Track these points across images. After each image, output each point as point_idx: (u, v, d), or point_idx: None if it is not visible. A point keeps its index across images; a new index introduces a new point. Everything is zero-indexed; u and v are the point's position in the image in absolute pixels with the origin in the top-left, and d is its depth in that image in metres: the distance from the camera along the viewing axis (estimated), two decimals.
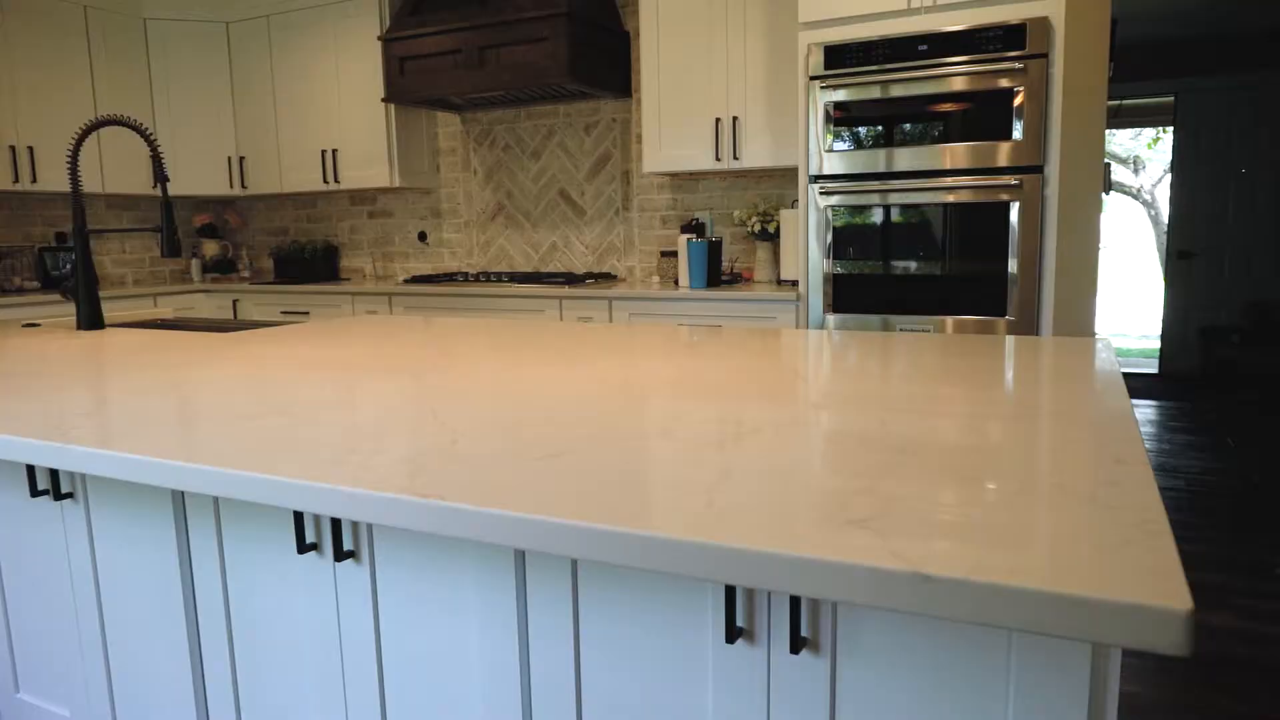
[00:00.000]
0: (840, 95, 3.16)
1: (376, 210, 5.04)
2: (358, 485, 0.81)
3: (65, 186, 4.44)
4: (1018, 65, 2.89)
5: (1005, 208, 2.97)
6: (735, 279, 3.94)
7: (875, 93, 3.11)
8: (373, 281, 4.71)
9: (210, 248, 5.36)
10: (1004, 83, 2.92)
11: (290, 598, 1.44)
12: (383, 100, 4.33)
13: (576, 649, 1.18)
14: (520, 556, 1.20)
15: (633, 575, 1.12)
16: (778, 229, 3.80)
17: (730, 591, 1.05)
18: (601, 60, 3.98)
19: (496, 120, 4.57)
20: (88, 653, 1.75)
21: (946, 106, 3.03)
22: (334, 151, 4.66)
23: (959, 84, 2.98)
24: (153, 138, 2.16)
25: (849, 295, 3.25)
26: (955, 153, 3.03)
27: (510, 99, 4.23)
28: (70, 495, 1.69)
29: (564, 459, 0.90)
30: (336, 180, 4.67)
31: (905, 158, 3.10)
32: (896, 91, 3.08)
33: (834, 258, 3.25)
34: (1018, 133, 2.93)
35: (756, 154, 3.63)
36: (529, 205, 4.55)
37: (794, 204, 3.88)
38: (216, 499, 1.49)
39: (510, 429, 1.05)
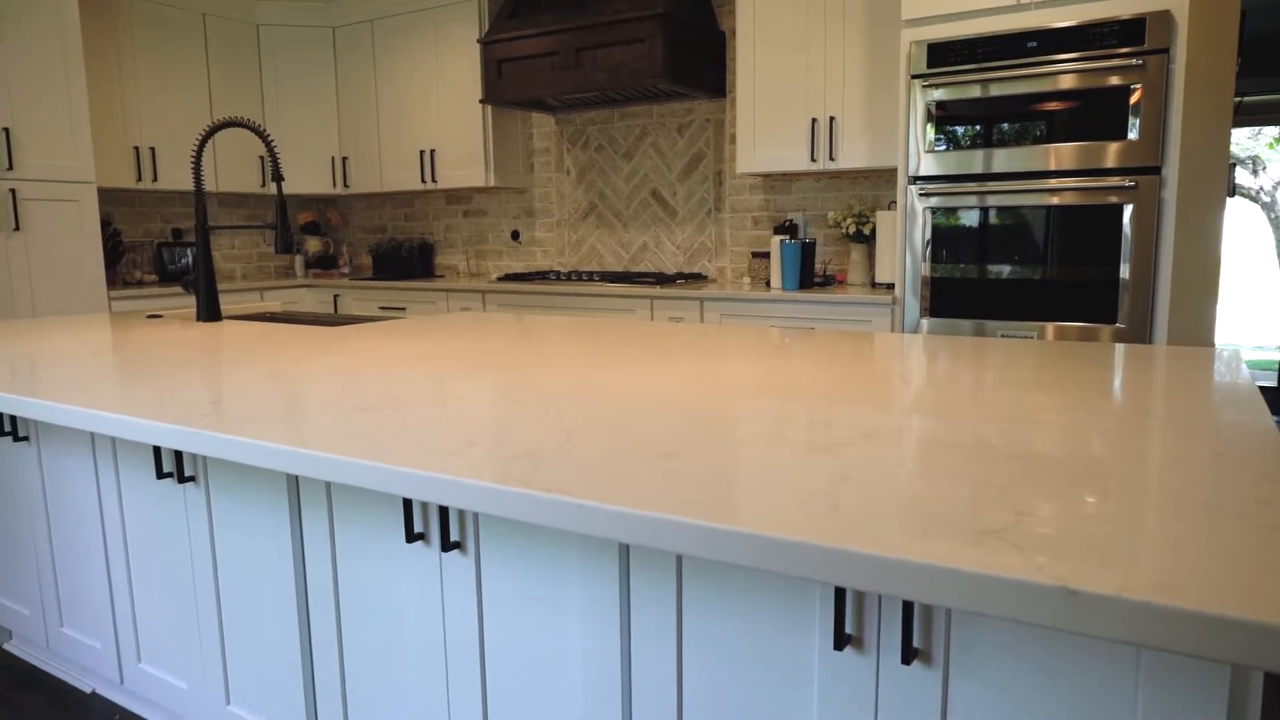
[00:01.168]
0: (942, 94, 3.09)
1: (471, 209, 5.15)
2: (478, 477, 0.83)
3: (183, 185, 4.67)
4: (1135, 61, 2.77)
5: (1117, 210, 2.85)
6: (828, 281, 3.89)
7: (979, 91, 3.02)
8: (466, 279, 4.81)
9: (313, 244, 5.57)
10: (1118, 80, 2.80)
11: (397, 585, 1.48)
12: (480, 102, 4.42)
13: (679, 649, 1.18)
14: (625, 554, 1.21)
15: (737, 576, 1.12)
16: (873, 231, 3.73)
17: (840, 597, 1.04)
18: (697, 60, 3.98)
19: (590, 121, 4.61)
20: (204, 629, 1.84)
21: (1055, 105, 2.92)
22: (432, 152, 4.78)
23: (1070, 82, 2.87)
24: (270, 140, 2.25)
25: (947, 299, 3.16)
26: (1062, 153, 2.92)
27: (605, 100, 4.26)
28: (192, 479, 1.78)
29: (679, 459, 0.90)
30: (434, 180, 4.79)
31: (1009, 158, 3.01)
32: (1002, 90, 2.98)
33: (932, 260, 3.17)
34: (1133, 132, 2.80)
35: (853, 155, 3.57)
36: (620, 205, 4.58)
37: (891, 205, 3.80)
38: (329, 486, 1.55)
39: (622, 428, 1.06)
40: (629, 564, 1.21)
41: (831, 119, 3.59)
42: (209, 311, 2.47)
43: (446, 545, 1.37)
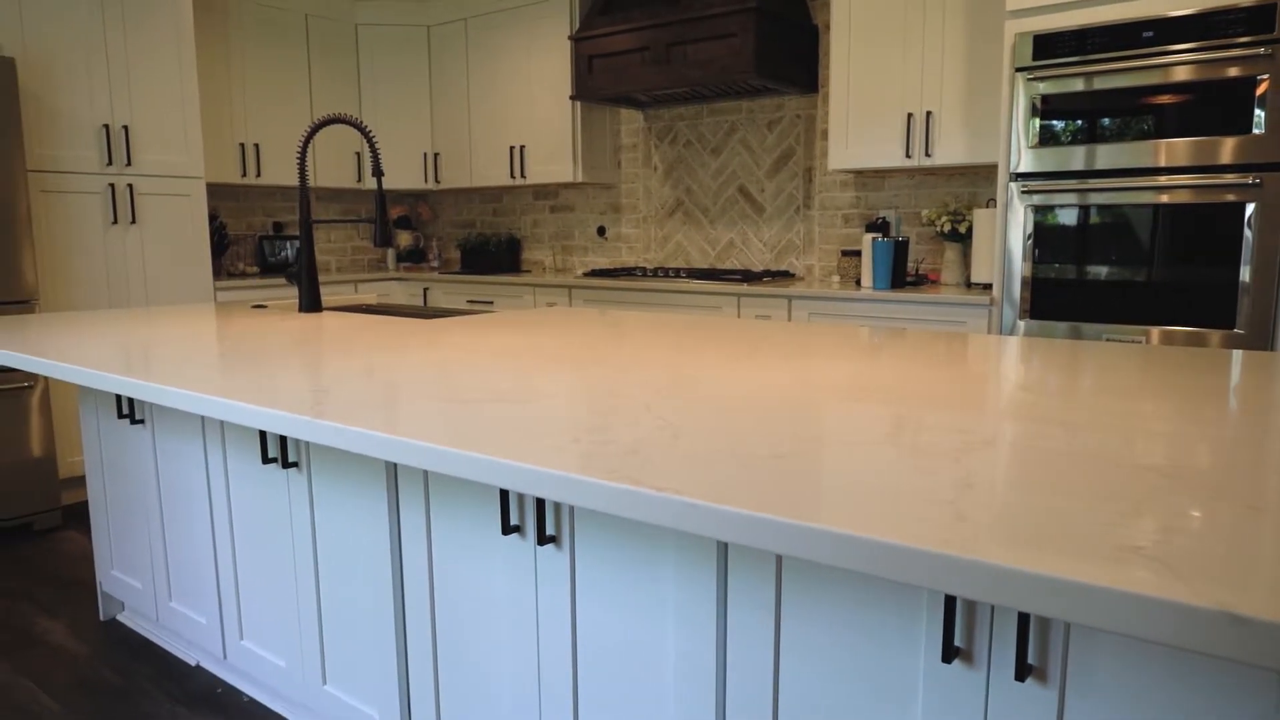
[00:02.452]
0: (1048, 87, 2.97)
1: (558, 205, 5.20)
2: (588, 473, 0.82)
3: (284, 180, 4.83)
4: (1262, 51, 2.61)
5: (1237, 209, 2.69)
6: (920, 280, 3.79)
7: (1088, 84, 2.89)
8: (552, 274, 4.86)
9: (404, 238, 5.70)
10: (1242, 71, 2.64)
11: (491, 576, 1.50)
12: (570, 98, 4.45)
13: (776, 653, 1.16)
14: (723, 553, 1.19)
15: (838, 580, 1.09)
16: (969, 229, 3.62)
17: (950, 607, 1.00)
18: (788, 56, 3.92)
19: (678, 117, 4.60)
20: (304, 610, 1.90)
21: (1169, 98, 2.77)
22: (521, 148, 4.83)
23: (1187, 73, 2.73)
24: (372, 136, 2.31)
25: (1047, 300, 3.04)
26: (1175, 149, 2.78)
27: (694, 95, 4.24)
28: (296, 465, 1.83)
29: (790, 460, 0.88)
30: (523, 175, 4.85)
31: (1117, 154, 2.87)
32: (1112, 83, 2.85)
33: (1033, 260, 3.06)
34: (1259, 127, 2.64)
35: (950, 151, 3.47)
36: (708, 202, 4.55)
37: (989, 203, 3.68)
38: (426, 476, 1.57)
39: (728, 427, 1.04)
40: (727, 563, 1.19)
41: (928, 114, 3.49)
42: (311, 303, 2.55)
43: (542, 539, 1.38)
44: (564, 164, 4.67)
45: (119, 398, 2.36)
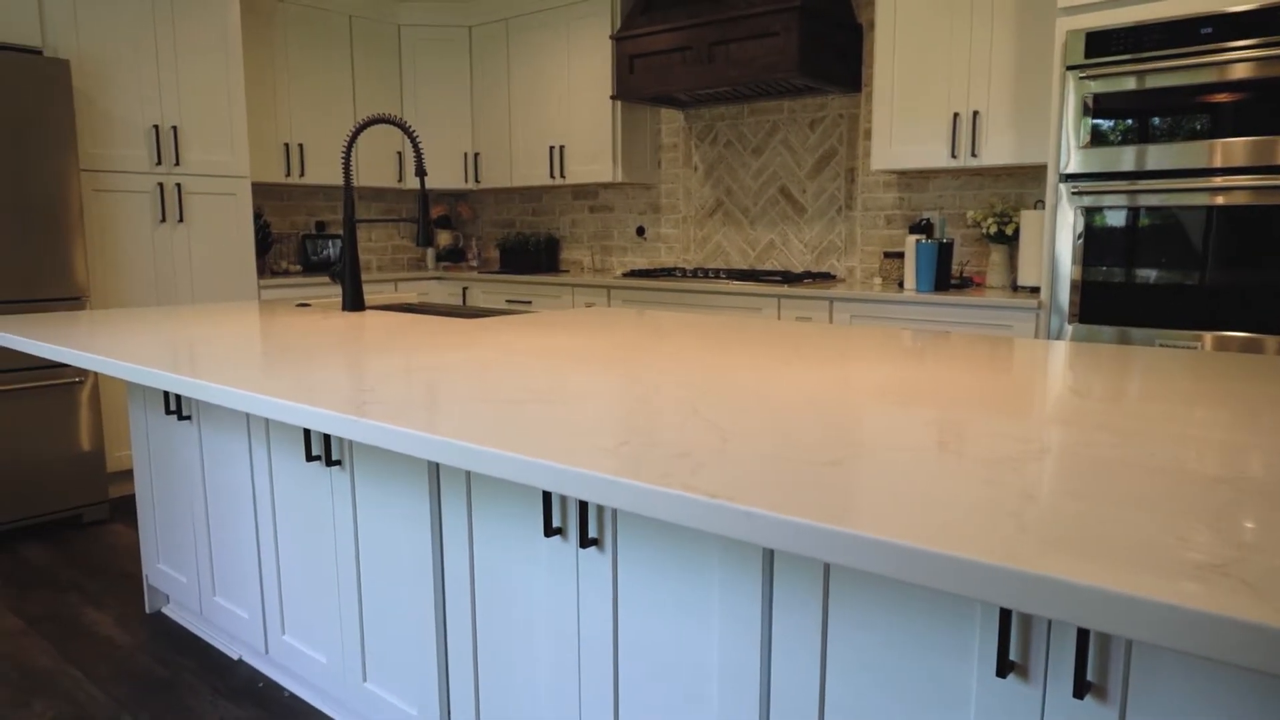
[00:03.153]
0: (1100, 86, 2.89)
1: (597, 205, 5.19)
2: (638, 478, 0.81)
3: (327, 180, 4.89)
4: None
5: None
6: (965, 283, 3.72)
7: (1142, 83, 2.82)
8: (591, 274, 4.86)
9: (444, 238, 5.74)
10: None
11: (532, 578, 1.49)
12: (611, 98, 4.44)
13: (823, 663, 1.14)
14: (769, 561, 1.17)
15: (887, 590, 1.07)
16: (1016, 231, 3.55)
17: (1005, 620, 0.97)
18: (832, 54, 3.88)
19: (719, 116, 4.57)
20: (345, 607, 1.91)
21: (1228, 96, 2.69)
22: (561, 148, 4.84)
23: (1248, 70, 2.64)
24: (416, 137, 2.31)
25: (1098, 304, 2.97)
26: (1233, 148, 2.69)
27: (735, 95, 4.21)
28: (339, 463, 1.84)
29: (845, 467, 0.86)
30: (563, 175, 4.86)
31: (1172, 154, 2.79)
32: (1168, 81, 2.77)
33: (1083, 263, 2.99)
34: None
35: (997, 151, 3.40)
36: (748, 202, 4.52)
37: (1037, 204, 3.61)
38: (469, 476, 1.57)
39: (778, 431, 1.02)
40: (773, 569, 1.17)
41: (975, 114, 3.43)
42: (354, 302, 2.57)
43: (585, 541, 1.37)
44: (604, 164, 4.66)
45: (167, 394, 2.39)
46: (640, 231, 4.98)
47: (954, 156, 3.49)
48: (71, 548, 3.25)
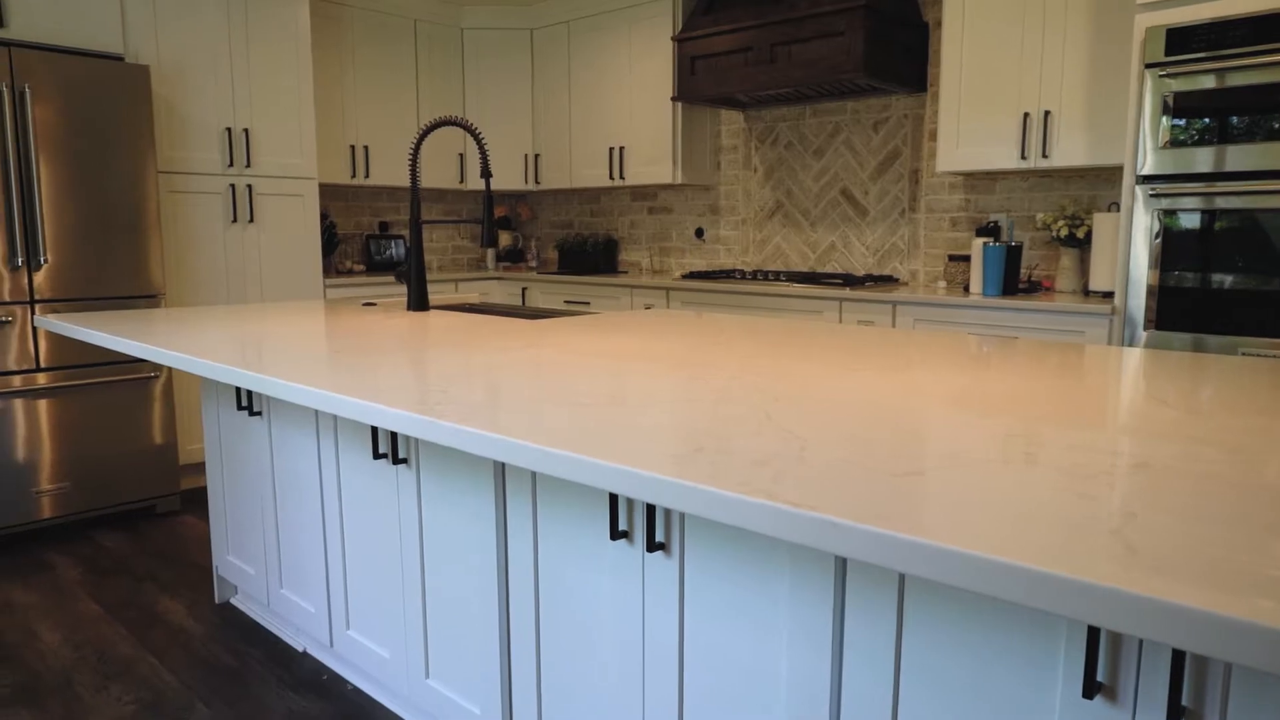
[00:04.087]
0: (1180, 84, 2.79)
1: (656, 206, 5.19)
2: (718, 485, 0.80)
3: (390, 181, 4.97)
4: None
5: None
6: (1033, 288, 3.63)
7: (1223, 81, 2.71)
8: (649, 275, 4.85)
9: (503, 238, 5.79)
10: None
11: (597, 580, 1.49)
12: (672, 99, 4.43)
13: (896, 676, 1.11)
14: (841, 568, 1.15)
15: (966, 603, 1.04)
16: (1088, 234, 3.45)
17: (1093, 639, 0.94)
18: (897, 54, 3.82)
19: (780, 118, 4.53)
20: (409, 604, 1.93)
21: None
22: (621, 149, 4.85)
23: None
24: (482, 139, 2.33)
25: (1176, 310, 2.87)
26: None
27: (797, 96, 4.17)
28: (405, 461, 1.87)
29: (929, 478, 0.83)
30: (622, 177, 4.86)
31: (1257, 155, 2.68)
32: (1252, 79, 2.66)
33: (1160, 268, 2.89)
34: None
35: (1069, 152, 3.31)
36: (809, 204, 4.47)
37: (1111, 207, 3.50)
38: (534, 477, 1.57)
39: (855, 440, 1.00)
40: (845, 579, 1.15)
41: (1046, 113, 3.34)
42: (419, 301, 2.60)
43: (651, 545, 1.36)
44: (663, 165, 4.66)
45: (238, 390, 2.45)
46: (699, 233, 4.96)
47: (1023, 158, 3.41)
48: (145, 537, 3.35)
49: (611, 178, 4.91)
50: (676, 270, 5.11)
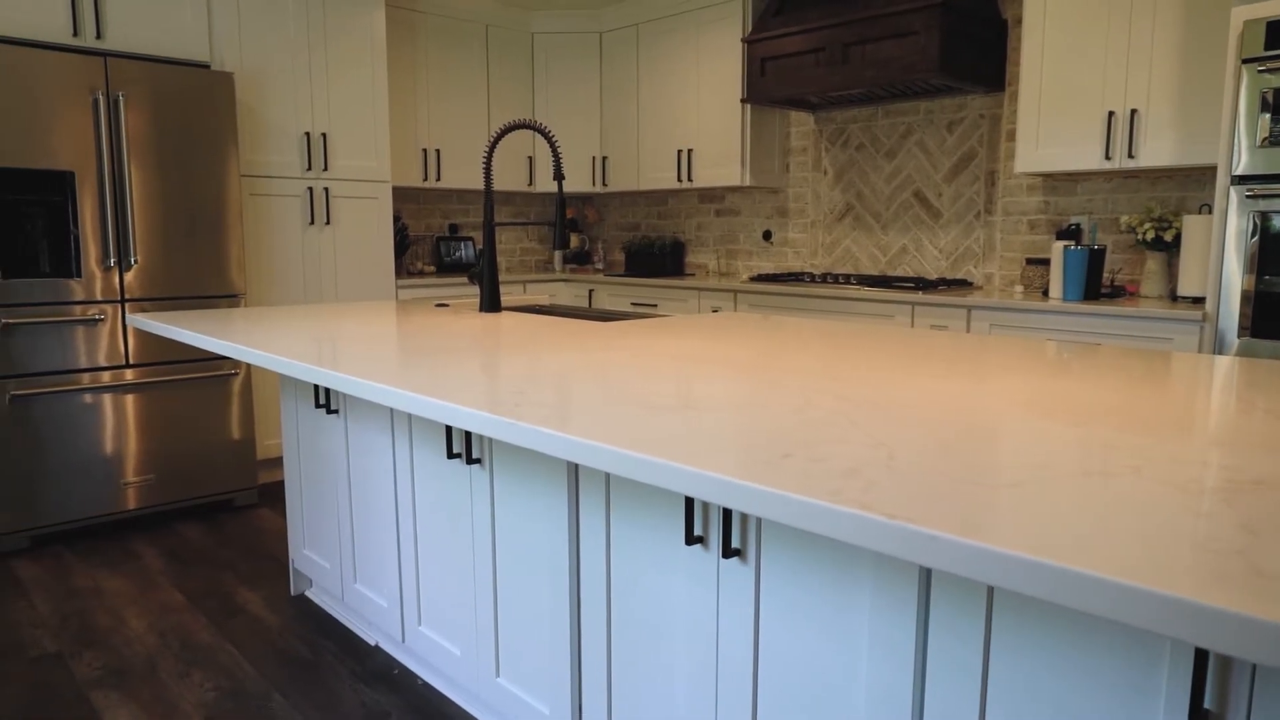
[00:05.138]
0: None
1: (724, 208, 5.16)
2: (807, 494, 0.78)
3: (461, 183, 5.04)
4: None
5: None
6: (1116, 292, 3.50)
7: None
8: (716, 278, 4.83)
9: (571, 240, 5.83)
10: None
11: (671, 585, 1.48)
12: (741, 101, 4.40)
13: (984, 691, 1.08)
14: (925, 579, 1.12)
15: (1060, 618, 1.00)
16: (1176, 237, 3.31)
17: (1200, 664, 0.89)
18: (973, 53, 3.73)
19: (851, 119, 4.46)
20: (480, 603, 1.94)
21: None
22: (689, 151, 4.83)
23: None
24: (556, 142, 2.35)
25: (1272, 317, 2.73)
26: None
27: (869, 97, 4.11)
28: (479, 461, 1.88)
29: (1029, 490, 0.80)
30: (690, 179, 4.85)
31: None
32: None
33: (1256, 272, 2.76)
34: None
35: (1158, 151, 3.19)
36: (880, 206, 4.39)
37: (1203, 208, 3.36)
38: (608, 479, 1.57)
39: (945, 449, 0.97)
40: (929, 590, 1.12)
41: (1132, 112, 3.22)
42: (491, 303, 2.63)
43: (727, 551, 1.34)
44: (732, 167, 4.63)
45: (316, 388, 2.51)
46: (767, 236, 4.92)
47: (1108, 158, 3.29)
48: (224, 529, 3.46)
49: (679, 180, 4.90)
50: (743, 273, 5.07)
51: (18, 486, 3.19)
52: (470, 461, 1.90)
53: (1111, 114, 3.27)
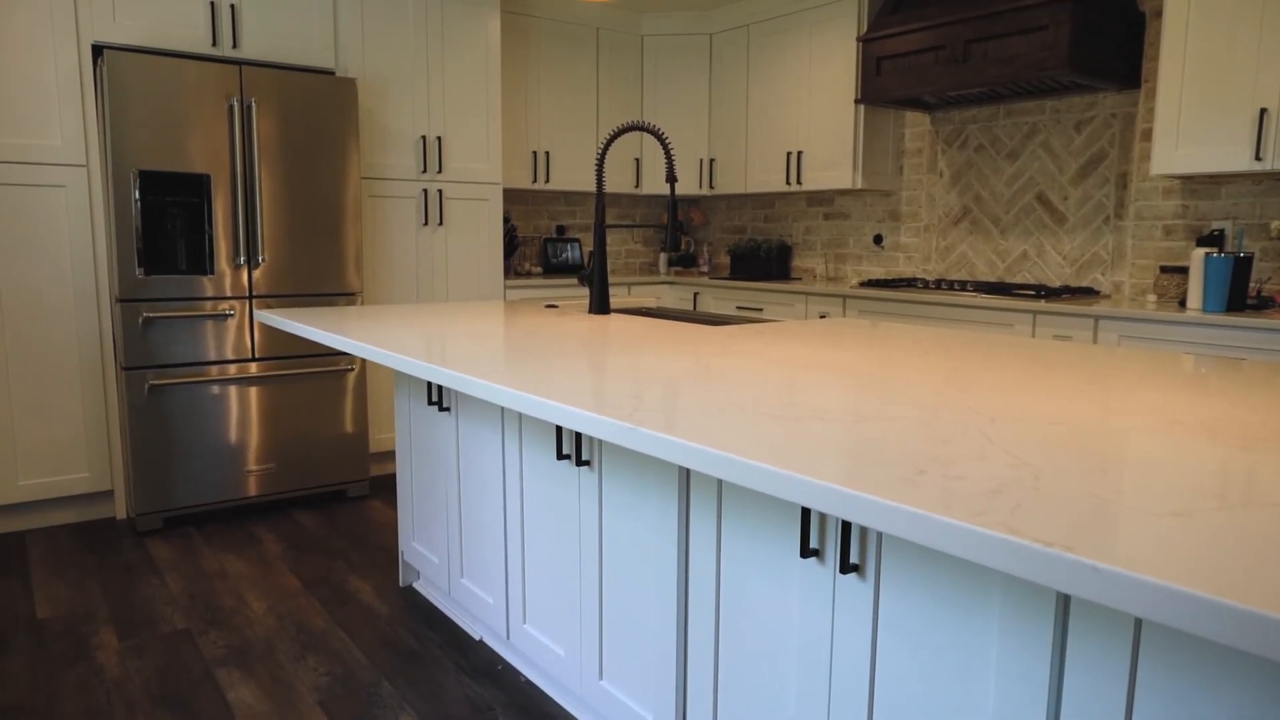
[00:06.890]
0: None
1: (833, 212, 5.06)
2: (949, 514, 0.73)
3: (569, 185, 5.10)
4: None
5: None
6: (1264, 304, 3.25)
7: None
8: (823, 282, 4.73)
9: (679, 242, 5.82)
10: None
11: (783, 598, 1.44)
12: (856, 101, 4.30)
13: None
14: (1063, 606, 1.05)
15: (1220, 655, 0.91)
16: None
17: None
18: (1106, 48, 3.53)
19: (970, 119, 4.30)
20: (585, 604, 1.94)
21: None
22: (799, 153, 4.75)
23: None
24: (669, 145, 2.33)
25: None
26: None
27: (990, 96, 3.94)
28: (588, 463, 1.88)
29: (1197, 520, 0.73)
30: (799, 182, 4.77)
31: None
32: None
33: None
34: None
35: None
36: (999, 210, 4.22)
37: None
38: (720, 486, 1.54)
39: (1093, 469, 0.90)
40: (1067, 618, 1.05)
41: None
42: (601, 305, 2.63)
43: (845, 567, 1.29)
44: (843, 170, 4.53)
45: (429, 385, 2.56)
46: (878, 240, 4.79)
47: (1258, 159, 3.06)
48: (337, 519, 3.58)
49: (788, 183, 4.83)
50: (852, 278, 4.96)
51: (154, 471, 3.38)
52: (580, 463, 1.90)
53: (1263, 112, 3.04)
